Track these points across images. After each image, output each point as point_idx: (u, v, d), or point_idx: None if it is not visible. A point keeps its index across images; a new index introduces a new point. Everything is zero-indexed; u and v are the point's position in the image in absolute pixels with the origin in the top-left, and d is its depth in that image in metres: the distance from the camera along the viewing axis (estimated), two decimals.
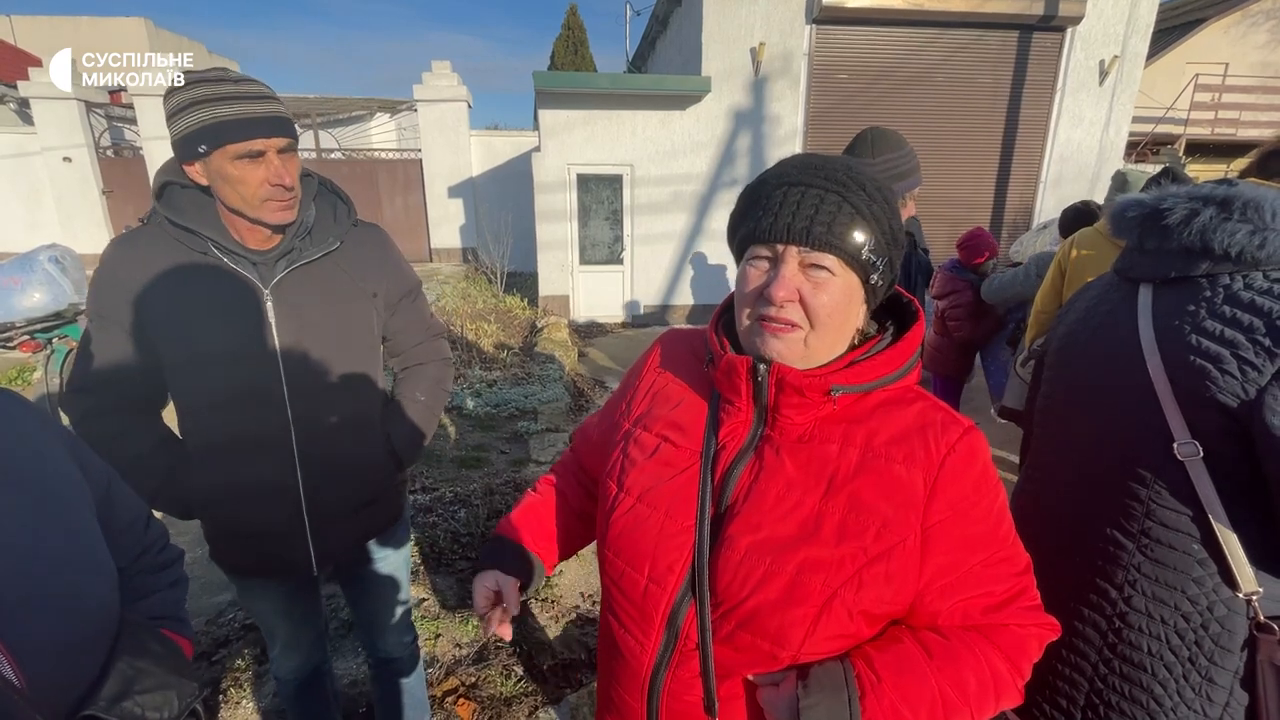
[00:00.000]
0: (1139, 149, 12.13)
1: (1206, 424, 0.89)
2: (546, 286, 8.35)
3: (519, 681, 2.11)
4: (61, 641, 0.61)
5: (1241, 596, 0.89)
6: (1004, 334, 3.47)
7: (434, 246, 12.00)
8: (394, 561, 1.50)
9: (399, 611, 1.55)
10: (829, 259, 0.68)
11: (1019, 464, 1.44)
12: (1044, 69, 8.11)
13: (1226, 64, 13.11)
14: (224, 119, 1.05)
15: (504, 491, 3.35)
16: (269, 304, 1.19)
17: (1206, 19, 13.67)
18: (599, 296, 8.56)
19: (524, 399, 4.96)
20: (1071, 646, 1.04)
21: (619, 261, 8.44)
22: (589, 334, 7.99)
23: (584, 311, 8.57)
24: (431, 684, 2.06)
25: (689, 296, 8.58)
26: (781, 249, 0.69)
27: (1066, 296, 1.33)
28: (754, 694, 0.71)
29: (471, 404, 4.84)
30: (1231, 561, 0.88)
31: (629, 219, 8.21)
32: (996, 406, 3.40)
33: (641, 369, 0.92)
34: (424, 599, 2.50)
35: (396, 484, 1.47)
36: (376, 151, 12.59)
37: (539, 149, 7.92)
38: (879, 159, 1.68)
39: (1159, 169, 2.39)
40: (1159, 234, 0.99)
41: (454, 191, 11.70)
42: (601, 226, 8.30)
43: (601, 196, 8.16)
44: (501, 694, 2.06)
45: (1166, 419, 0.92)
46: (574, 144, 7.83)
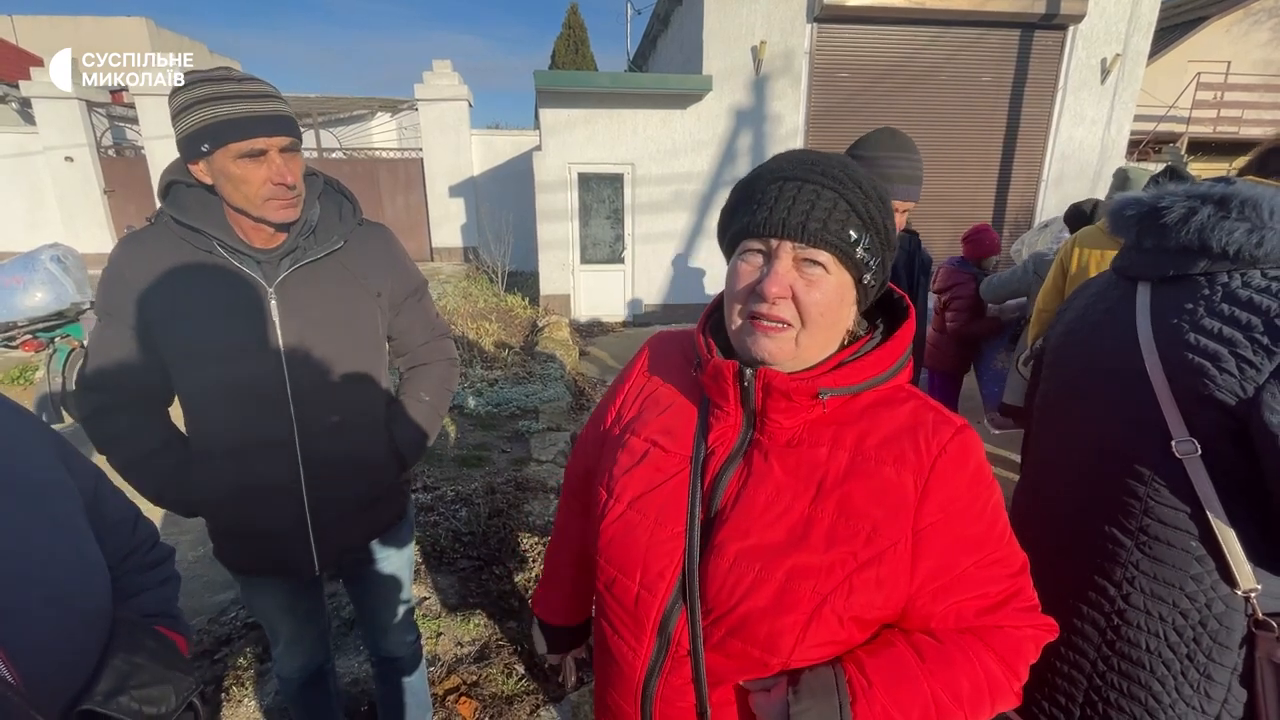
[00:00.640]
0: (1141, 148, 12.10)
1: (1204, 422, 0.89)
2: (548, 286, 8.35)
3: (520, 680, 2.12)
4: (55, 639, 0.61)
5: (1240, 594, 0.89)
6: (1000, 341, 3.47)
7: (435, 246, 12.01)
8: (397, 560, 1.50)
9: (402, 610, 1.55)
10: (824, 255, 0.67)
11: (1021, 463, 1.44)
12: (1046, 67, 8.09)
13: (1229, 62, 13.06)
14: (226, 118, 1.05)
15: (505, 490, 3.35)
16: (273, 302, 1.19)
17: (1208, 17, 13.62)
18: (600, 295, 8.56)
19: (525, 398, 4.96)
20: (1070, 644, 1.04)
21: (620, 260, 8.44)
22: (590, 333, 7.99)
23: (585, 310, 8.58)
24: (433, 682, 2.07)
25: (690, 295, 8.57)
26: (775, 244, 0.67)
27: (1069, 295, 1.33)
28: (746, 700, 0.71)
29: (473, 403, 4.84)
30: (1230, 559, 0.88)
31: (630, 218, 8.21)
32: (990, 416, 3.41)
33: (630, 372, 0.91)
34: (425, 598, 2.51)
35: (400, 483, 1.47)
36: (377, 151, 12.59)
37: (540, 148, 7.92)
38: (900, 154, 1.67)
39: (1161, 167, 2.38)
40: (1157, 232, 0.98)
41: (455, 191, 11.70)
42: (602, 225, 8.30)
43: (603, 195, 8.15)
44: (503, 692, 2.07)
45: (1164, 417, 0.92)
46: (575, 143, 7.83)
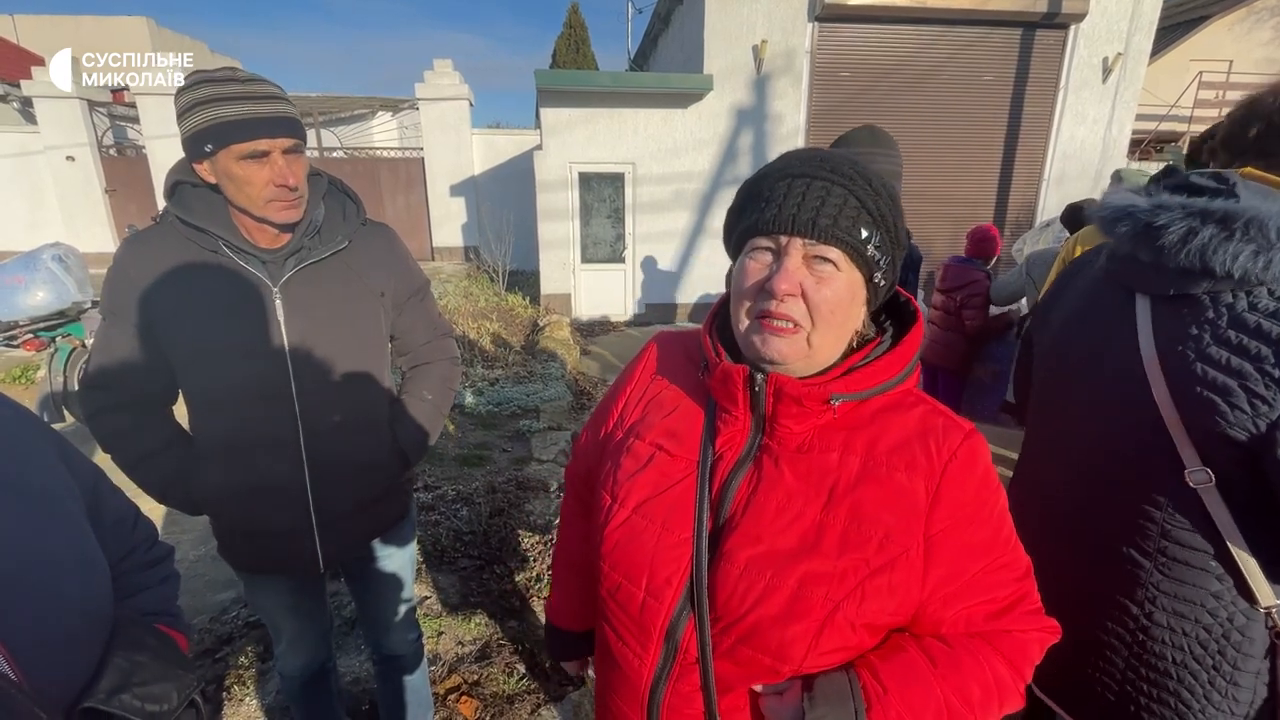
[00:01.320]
0: (1142, 147, 12.08)
1: (1217, 453, 0.86)
2: (548, 285, 8.35)
3: (521, 679, 2.12)
4: (56, 637, 0.61)
5: (1261, 609, 0.88)
6: (995, 349, 3.53)
7: (436, 245, 12.01)
8: (399, 559, 1.51)
9: (403, 609, 1.56)
10: (834, 252, 0.66)
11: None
12: (1047, 66, 8.08)
13: (1230, 61, 13.03)
14: (228, 119, 1.05)
15: (506, 490, 3.35)
16: (278, 302, 1.19)
17: (1210, 16, 13.59)
18: (601, 295, 8.56)
19: (526, 397, 4.97)
20: (1099, 654, 1.03)
21: (621, 260, 8.43)
22: (591, 332, 7.99)
23: (586, 310, 8.57)
24: (434, 681, 2.07)
25: (691, 295, 8.57)
26: (785, 241, 0.66)
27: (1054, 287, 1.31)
28: (757, 706, 0.70)
29: (474, 402, 4.84)
30: (1249, 579, 0.87)
31: (631, 217, 8.20)
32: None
33: (633, 374, 0.89)
34: (426, 597, 2.51)
35: (402, 482, 1.48)
36: (378, 150, 12.61)
37: (541, 147, 7.92)
38: (879, 149, 1.67)
39: (1162, 167, 2.37)
40: (1154, 250, 0.93)
41: (456, 190, 11.70)
42: (603, 225, 8.29)
43: (603, 195, 8.15)
44: (504, 692, 2.07)
45: (1176, 448, 0.89)
46: (576, 142, 7.82)
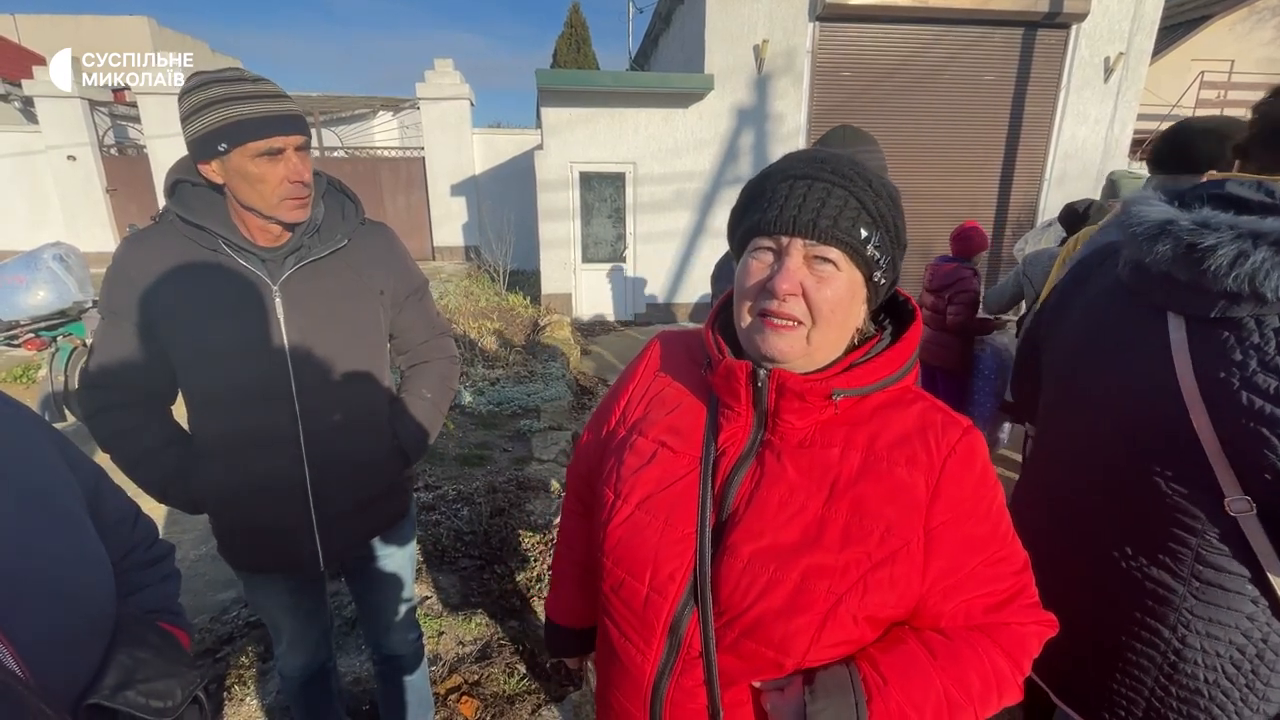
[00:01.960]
0: (1144, 147, 12.05)
1: (1260, 483, 0.84)
2: (549, 285, 8.35)
3: (522, 679, 2.12)
4: (61, 633, 0.62)
5: None
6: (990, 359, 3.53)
7: (436, 245, 12.02)
8: (399, 558, 1.51)
9: (404, 608, 1.56)
10: (834, 252, 0.67)
11: (1022, 462, 1.41)
12: (1048, 66, 8.07)
13: (1232, 61, 13.02)
14: (245, 117, 1.06)
15: (506, 490, 3.35)
16: (277, 300, 1.20)
17: (1212, 16, 13.58)
18: (602, 294, 8.56)
19: (527, 397, 4.96)
20: (1127, 671, 1.01)
21: (622, 260, 8.43)
22: (592, 332, 7.99)
23: (587, 309, 8.57)
24: (434, 681, 2.06)
25: (692, 294, 8.57)
26: (786, 241, 0.68)
27: (1059, 289, 1.28)
28: (760, 700, 0.71)
29: (474, 402, 4.84)
30: None
31: (631, 217, 8.20)
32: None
33: (635, 372, 0.90)
34: (427, 597, 2.50)
35: (403, 480, 1.48)
36: (379, 150, 12.61)
37: (541, 147, 7.92)
38: (862, 147, 1.63)
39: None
40: (1197, 272, 0.86)
41: (456, 190, 11.71)
42: (604, 224, 8.29)
43: (604, 194, 8.15)
44: (504, 692, 2.06)
45: (1216, 476, 0.87)
46: (577, 142, 7.82)
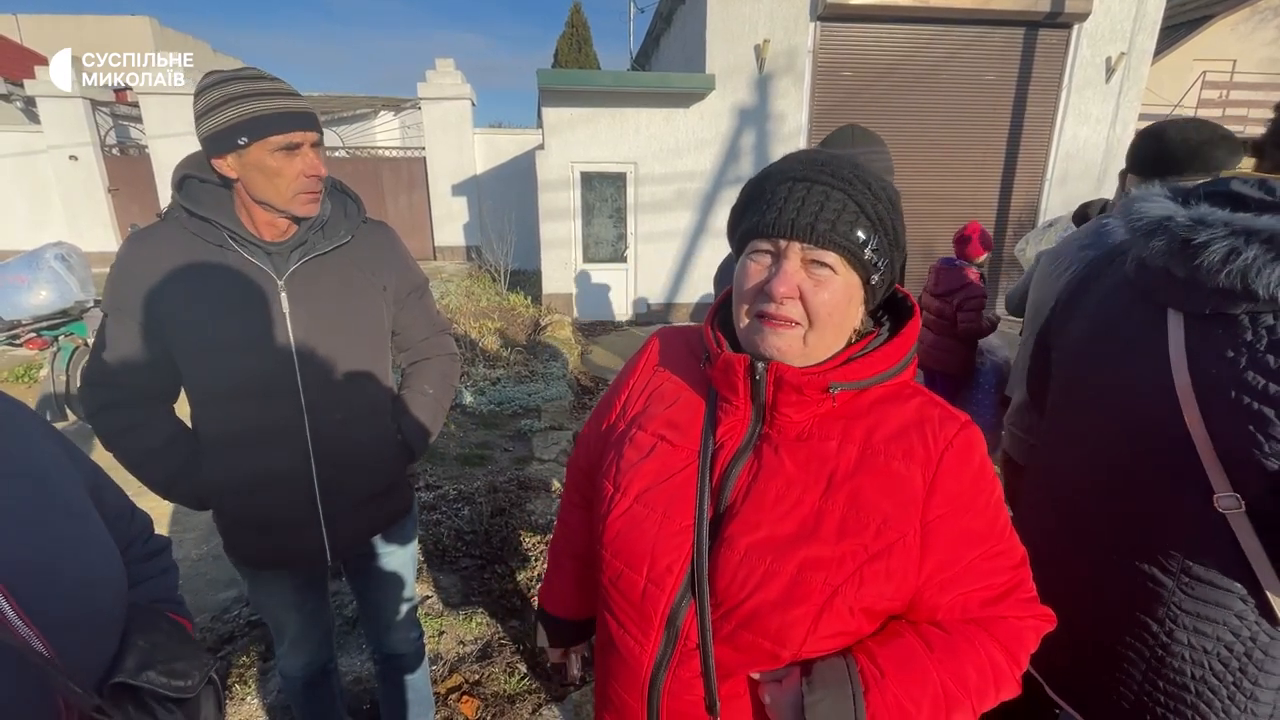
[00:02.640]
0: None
1: (1249, 479, 0.84)
2: (550, 284, 8.35)
3: (522, 679, 2.12)
4: (82, 618, 0.63)
5: None
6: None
7: (437, 244, 12.02)
8: (401, 556, 1.51)
9: (405, 607, 1.56)
10: (831, 256, 0.67)
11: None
12: (1050, 66, 8.06)
13: (1234, 61, 13.02)
14: (266, 112, 1.09)
15: (507, 489, 3.35)
16: (283, 295, 1.21)
17: (1214, 15, 13.57)
18: (603, 294, 8.56)
19: (527, 397, 4.97)
20: (1116, 664, 1.02)
21: (622, 259, 8.43)
22: (592, 332, 7.99)
23: (587, 309, 8.57)
24: (435, 681, 2.07)
25: (693, 294, 8.57)
26: (784, 244, 0.68)
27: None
28: (756, 692, 0.71)
29: (475, 401, 4.84)
30: (1274, 602, 0.86)
31: (632, 217, 8.20)
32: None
33: (636, 367, 0.91)
34: (428, 596, 2.51)
35: (405, 476, 1.49)
36: (381, 149, 12.60)
37: (543, 147, 7.92)
38: (868, 147, 1.63)
39: None
40: (1190, 268, 0.88)
41: (458, 189, 11.71)
42: (605, 224, 8.30)
43: (605, 194, 8.15)
44: (505, 691, 2.07)
45: (1206, 472, 0.87)
46: (578, 142, 7.82)
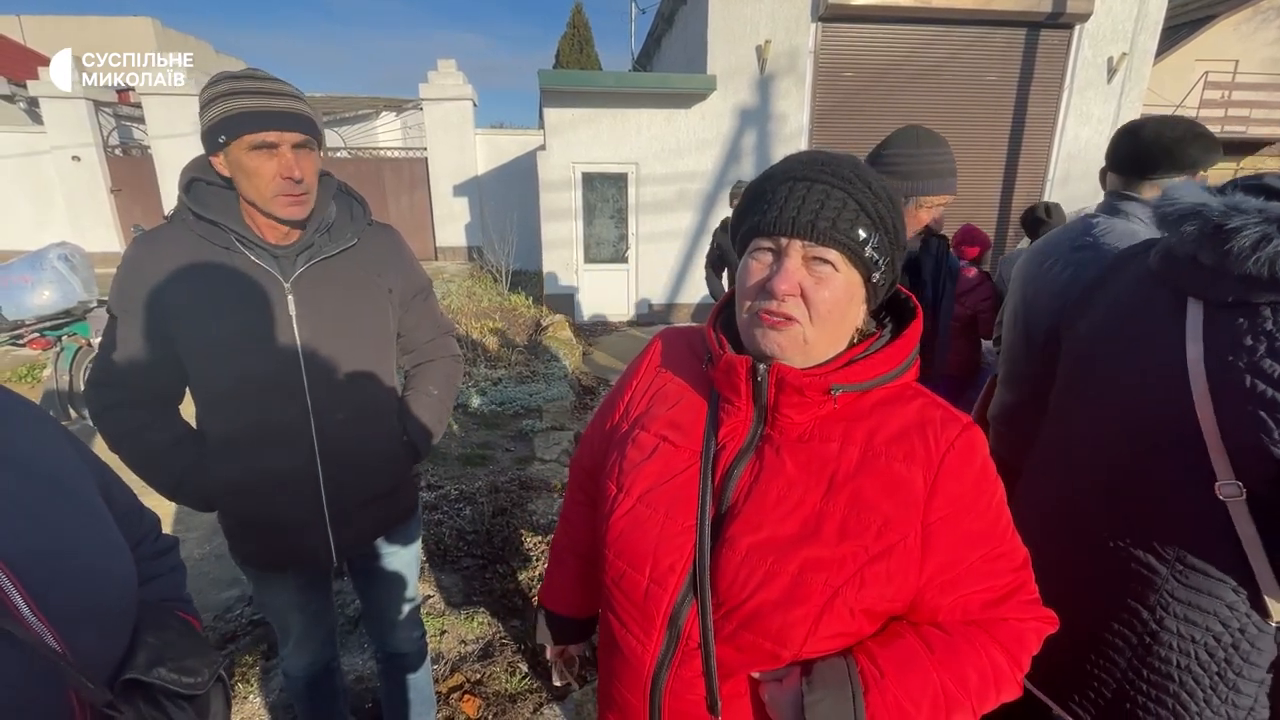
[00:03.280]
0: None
1: (1253, 469, 0.84)
2: (551, 285, 8.36)
3: (524, 678, 2.12)
4: (93, 613, 0.64)
5: (1273, 623, 0.87)
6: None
7: (439, 245, 12.04)
8: (405, 556, 1.52)
9: (408, 607, 1.56)
10: (832, 254, 0.68)
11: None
12: (1051, 66, 8.05)
13: (1236, 61, 13.01)
14: (240, 110, 1.09)
15: (509, 489, 3.36)
16: (290, 297, 1.21)
17: (1216, 16, 13.55)
18: (604, 295, 8.56)
19: (529, 397, 4.97)
20: (1100, 652, 1.02)
21: (624, 260, 8.43)
22: (594, 332, 8.00)
23: (589, 310, 8.57)
24: (437, 680, 2.07)
25: (694, 295, 8.57)
26: (785, 242, 0.69)
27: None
28: (757, 691, 0.71)
29: (476, 402, 4.85)
30: (1266, 594, 0.86)
31: (634, 217, 8.20)
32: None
33: (639, 368, 0.91)
34: (429, 596, 2.51)
35: (411, 477, 1.50)
36: (382, 150, 12.62)
37: (544, 147, 7.93)
38: (923, 150, 1.62)
39: None
40: (1219, 254, 0.88)
41: (459, 190, 11.72)
42: (606, 225, 8.30)
43: (606, 195, 8.15)
44: (506, 690, 2.07)
45: (1211, 460, 0.87)
46: (579, 142, 7.83)
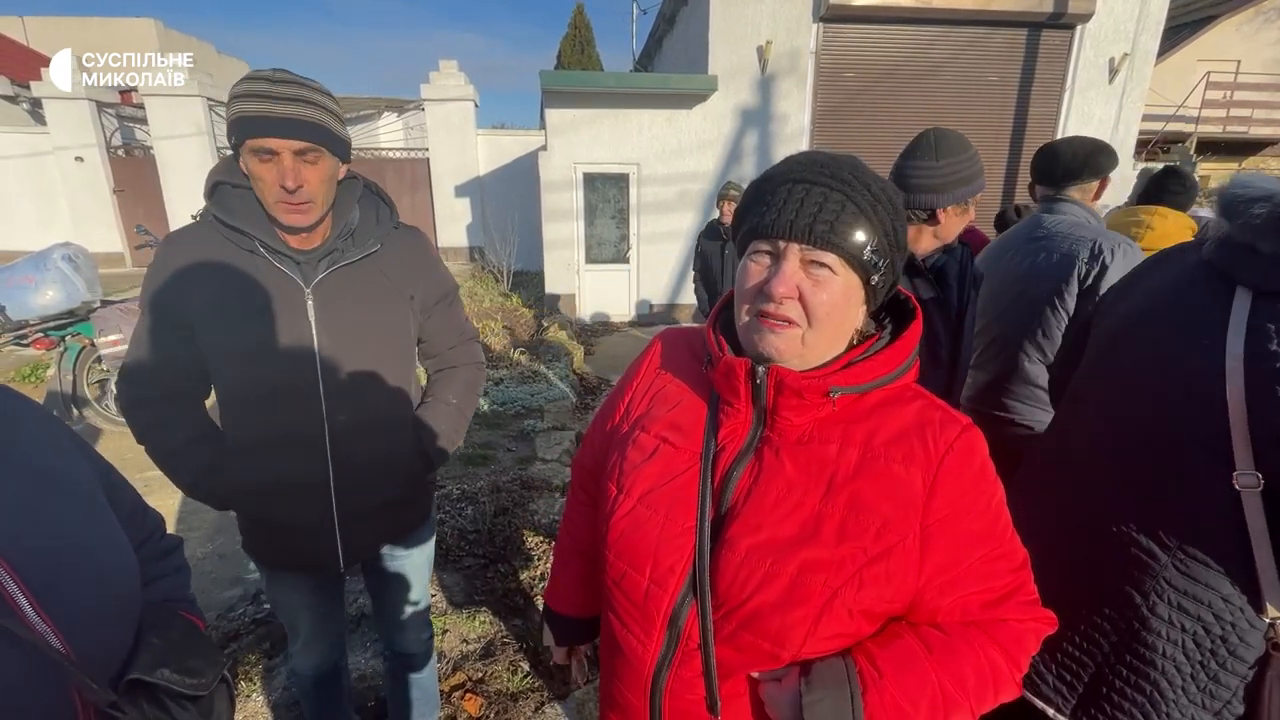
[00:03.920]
0: (1149, 147, 12.04)
1: (1273, 460, 0.84)
2: (553, 285, 8.37)
3: (525, 677, 2.13)
4: (96, 614, 0.64)
5: (1265, 619, 0.87)
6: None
7: (441, 245, 12.05)
8: (418, 558, 1.52)
9: (419, 609, 1.57)
10: (830, 257, 0.68)
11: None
12: (1053, 67, 8.05)
13: (1238, 61, 12.98)
14: (245, 114, 1.08)
15: (510, 489, 3.37)
16: (310, 303, 1.21)
17: (1218, 16, 13.53)
18: (605, 295, 8.58)
19: (530, 397, 4.98)
20: (1086, 635, 1.02)
21: (625, 260, 8.45)
22: (595, 333, 8.01)
23: (590, 310, 8.59)
24: (439, 679, 2.08)
25: (694, 295, 8.56)
26: (783, 245, 0.69)
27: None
28: (757, 691, 0.71)
29: (479, 402, 4.85)
30: (1265, 590, 0.86)
31: (635, 218, 8.22)
32: None
33: (639, 369, 0.91)
34: (432, 595, 2.52)
35: (425, 484, 1.48)
36: (384, 150, 12.64)
37: (545, 148, 7.94)
38: (942, 161, 1.58)
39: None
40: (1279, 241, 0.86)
41: (460, 190, 11.74)
42: (608, 225, 8.31)
43: (608, 195, 8.17)
44: (508, 689, 2.08)
45: (1232, 448, 0.86)
46: (580, 143, 7.84)
